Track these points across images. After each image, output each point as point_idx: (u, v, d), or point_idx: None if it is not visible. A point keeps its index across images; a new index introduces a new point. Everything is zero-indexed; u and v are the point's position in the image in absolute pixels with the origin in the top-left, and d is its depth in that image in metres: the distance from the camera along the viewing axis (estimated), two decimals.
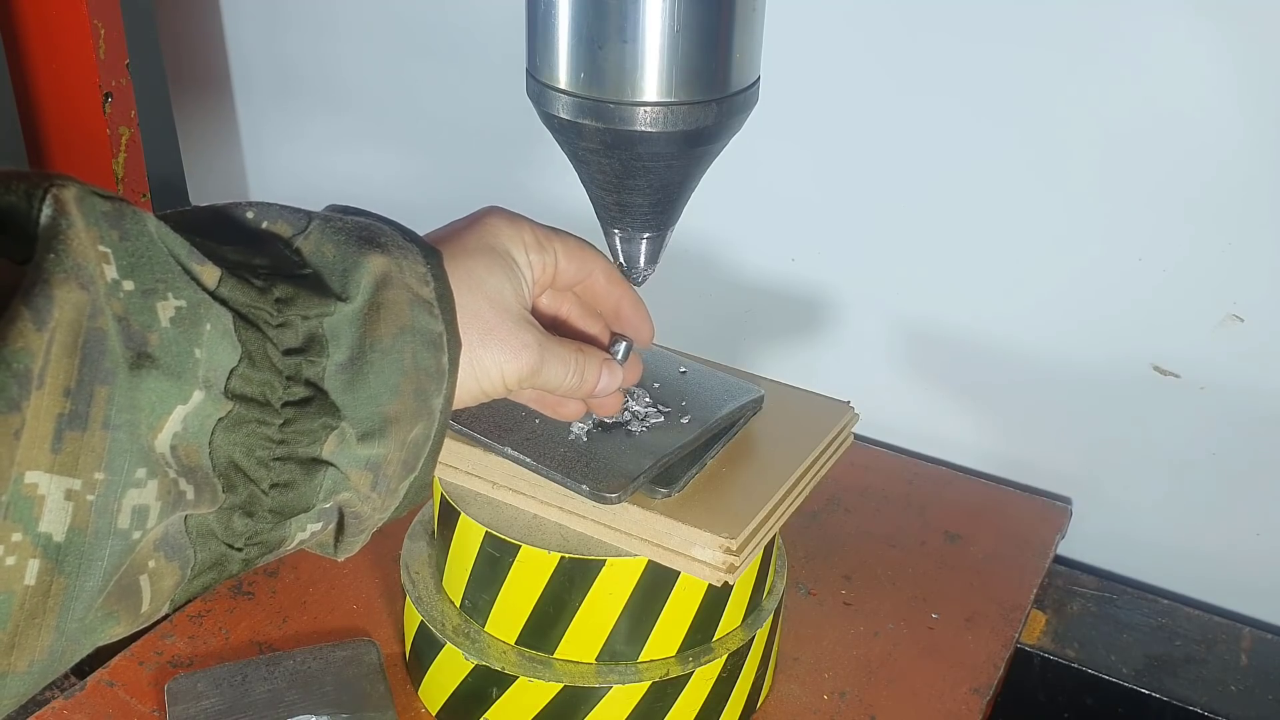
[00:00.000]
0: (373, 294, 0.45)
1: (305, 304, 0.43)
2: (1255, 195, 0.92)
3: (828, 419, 0.80)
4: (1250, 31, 0.88)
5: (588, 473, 0.68)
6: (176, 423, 0.39)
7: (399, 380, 0.45)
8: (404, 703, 0.81)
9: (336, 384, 0.44)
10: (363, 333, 0.44)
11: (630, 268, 0.72)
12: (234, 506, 0.42)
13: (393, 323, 0.45)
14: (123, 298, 0.38)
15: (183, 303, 0.39)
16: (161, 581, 0.41)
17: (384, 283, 0.46)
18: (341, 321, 0.44)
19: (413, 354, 0.46)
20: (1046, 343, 1.05)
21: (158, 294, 0.39)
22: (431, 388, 0.47)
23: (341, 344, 0.44)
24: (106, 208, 0.38)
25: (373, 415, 0.45)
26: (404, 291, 0.46)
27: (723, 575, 0.68)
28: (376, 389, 0.45)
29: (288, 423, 0.43)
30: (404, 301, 0.46)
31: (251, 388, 0.42)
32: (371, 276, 0.45)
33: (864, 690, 0.85)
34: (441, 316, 0.48)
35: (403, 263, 0.47)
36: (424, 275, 0.48)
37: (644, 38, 0.60)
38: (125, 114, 1.27)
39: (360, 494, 0.46)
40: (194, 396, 0.39)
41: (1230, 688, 0.90)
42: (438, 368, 0.47)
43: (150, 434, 0.38)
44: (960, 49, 0.98)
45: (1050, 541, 1.02)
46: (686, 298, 1.21)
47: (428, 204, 1.37)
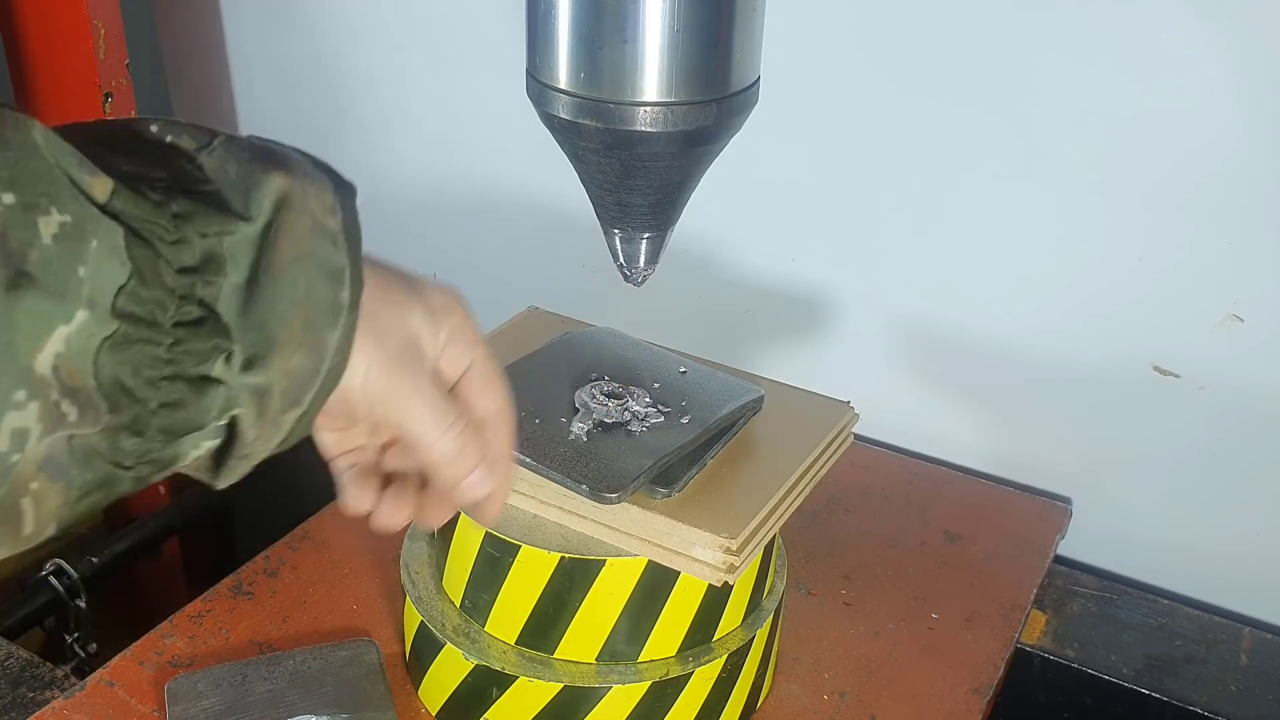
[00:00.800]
0: (272, 215, 0.43)
1: (204, 221, 0.41)
2: (1255, 195, 0.92)
3: (828, 419, 0.80)
4: (1250, 31, 0.88)
5: (588, 473, 0.68)
6: (59, 343, 0.37)
7: (286, 308, 0.43)
8: (404, 703, 0.81)
9: (230, 306, 0.42)
10: (260, 253, 0.42)
11: (630, 268, 0.72)
12: (120, 426, 0.41)
13: (290, 248, 0.43)
14: (2, 211, 0.36)
15: (67, 218, 0.37)
16: (45, 503, 0.40)
17: (284, 204, 0.43)
18: (241, 242, 0.42)
19: (306, 283, 0.44)
20: (1046, 343, 1.05)
21: (39, 208, 0.37)
22: (323, 320, 0.44)
23: (239, 265, 0.42)
24: None
25: (258, 340, 0.43)
26: (306, 217, 0.44)
27: (723, 575, 0.68)
28: (264, 314, 0.43)
29: (177, 342, 0.41)
30: (304, 228, 0.44)
31: (140, 307, 0.40)
32: (273, 196, 0.43)
33: (864, 690, 0.85)
34: (346, 251, 0.45)
35: (307, 187, 0.44)
36: (331, 205, 0.45)
37: (644, 38, 0.60)
38: (125, 114, 1.27)
39: (248, 418, 0.44)
40: (77, 316, 0.38)
41: (1230, 688, 0.90)
42: (334, 301, 0.44)
43: (30, 354, 0.37)
44: (960, 49, 0.98)
45: (1050, 541, 1.02)
46: (686, 298, 1.21)
47: (428, 204, 1.37)
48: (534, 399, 0.75)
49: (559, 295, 1.07)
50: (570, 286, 1.28)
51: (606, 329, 0.85)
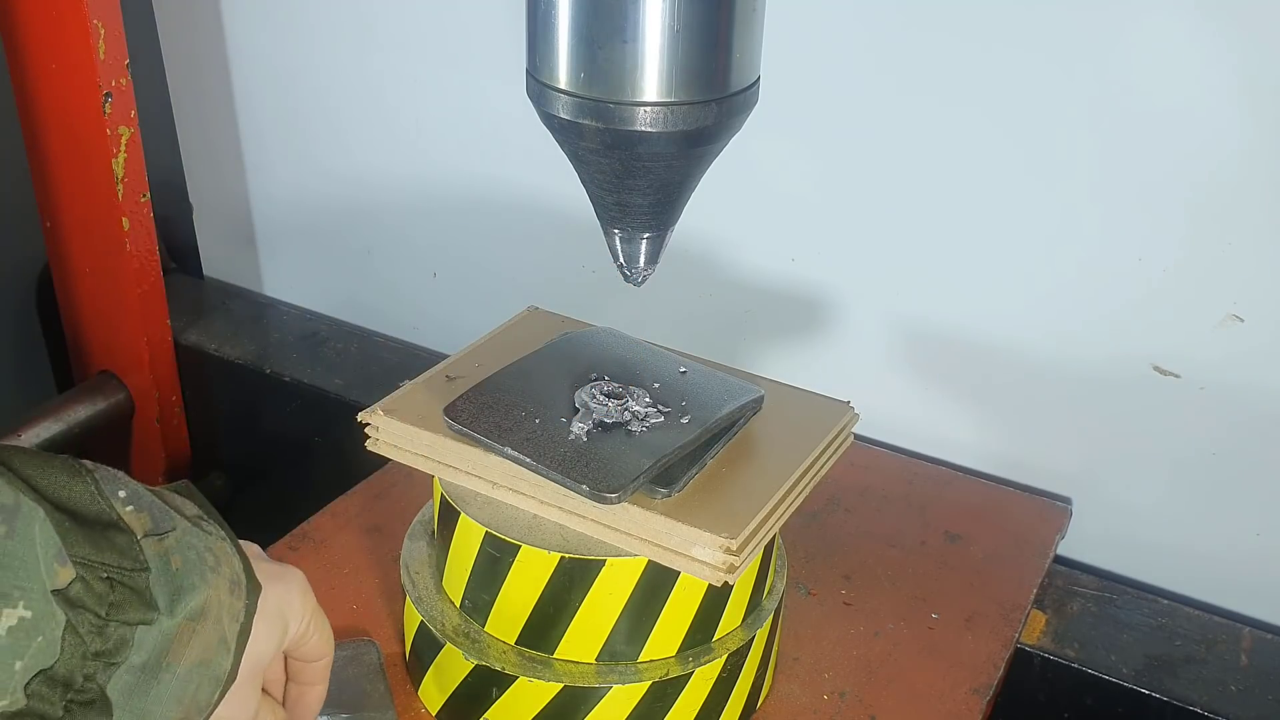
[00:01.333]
0: (193, 620, 0.48)
1: (130, 610, 0.46)
2: (1255, 195, 0.92)
3: (828, 419, 0.80)
4: (1250, 31, 0.88)
5: (588, 473, 0.68)
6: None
7: (174, 707, 0.48)
8: (404, 703, 0.81)
9: (120, 685, 0.46)
10: (166, 650, 0.47)
11: (630, 268, 0.72)
12: None
13: (197, 653, 0.48)
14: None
15: (29, 614, 0.41)
16: None
17: (205, 613, 0.48)
18: (154, 631, 0.47)
19: (197, 687, 0.49)
20: (1046, 343, 1.05)
21: (10, 600, 0.41)
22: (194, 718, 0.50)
23: (143, 650, 0.46)
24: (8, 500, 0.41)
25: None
26: (217, 628, 0.49)
27: (723, 575, 0.68)
28: (152, 706, 0.47)
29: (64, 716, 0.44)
30: (214, 636, 0.49)
31: (48, 688, 0.43)
32: (199, 603, 0.48)
33: (864, 690, 0.85)
34: (233, 655, 0.51)
35: (227, 599, 0.50)
36: (237, 613, 0.51)
37: (644, 37, 0.60)
38: (125, 114, 1.27)
39: None
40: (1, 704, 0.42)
41: (1230, 688, 0.90)
42: (209, 702, 0.50)
43: None
44: (960, 49, 0.98)
45: (1050, 541, 1.02)
46: (686, 298, 1.21)
47: (428, 204, 1.37)
48: (534, 399, 0.75)
49: (559, 295, 1.07)
50: (570, 286, 1.28)
51: (606, 329, 0.85)
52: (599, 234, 0.72)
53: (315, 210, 1.46)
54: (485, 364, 0.81)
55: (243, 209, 1.52)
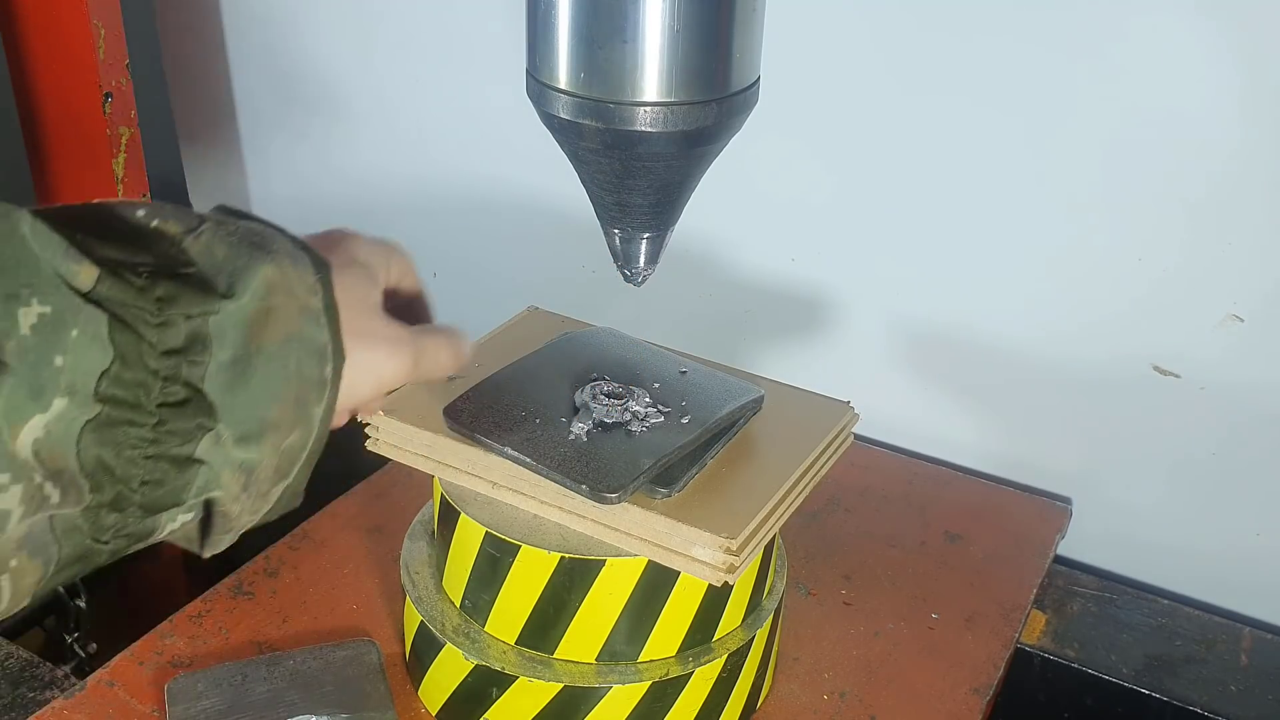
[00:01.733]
0: (263, 298, 0.45)
1: (189, 302, 0.43)
2: (1255, 195, 0.92)
3: (828, 419, 0.80)
4: (1250, 31, 0.88)
5: (588, 473, 0.68)
6: (37, 429, 0.39)
7: (281, 387, 0.45)
8: (404, 703, 0.81)
9: (216, 384, 0.44)
10: (249, 335, 0.44)
11: (630, 268, 0.72)
12: (101, 504, 0.42)
13: (280, 329, 0.45)
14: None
15: (47, 309, 0.39)
16: (22, 579, 0.41)
17: (274, 288, 0.46)
18: (227, 321, 0.44)
19: (297, 362, 0.46)
20: (1047, 343, 1.05)
21: (20, 299, 0.39)
22: (312, 397, 0.47)
23: (226, 344, 0.44)
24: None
25: (251, 419, 0.45)
26: (293, 299, 0.46)
27: (723, 575, 0.67)
28: (258, 393, 0.45)
29: (161, 422, 0.42)
30: (293, 309, 0.46)
31: (123, 390, 0.41)
32: (263, 280, 0.45)
33: (864, 690, 0.85)
34: (328, 327, 0.48)
35: (292, 271, 0.47)
36: (313, 285, 0.48)
37: (644, 37, 0.60)
38: (125, 114, 1.27)
39: (230, 494, 0.45)
40: (55, 404, 0.39)
41: (1230, 688, 0.90)
42: (320, 378, 0.47)
43: (9, 440, 0.38)
44: (960, 49, 0.98)
45: (1050, 541, 1.02)
46: (686, 298, 1.21)
47: (428, 204, 1.37)
48: (534, 399, 0.75)
49: (559, 295, 1.07)
50: (570, 286, 1.28)
51: (606, 329, 0.85)
52: (599, 234, 0.72)
53: (315, 210, 1.46)
54: (485, 364, 0.81)
55: (243, 209, 1.52)
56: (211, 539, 0.48)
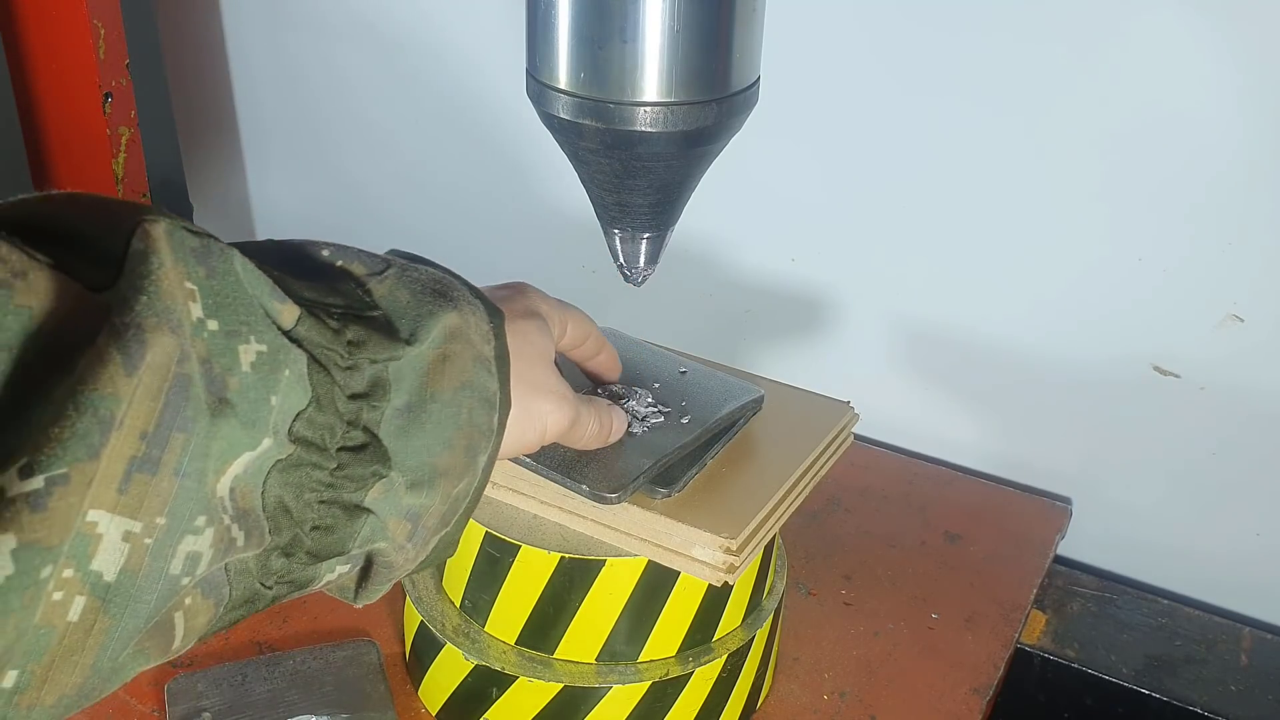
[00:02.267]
0: (441, 345, 0.45)
1: (375, 347, 0.43)
2: (1255, 195, 0.92)
3: (828, 419, 0.80)
4: (1251, 31, 0.88)
5: (588, 473, 0.68)
6: (240, 467, 0.39)
7: (453, 434, 0.46)
8: (404, 703, 0.81)
9: (391, 429, 0.44)
10: (425, 381, 0.45)
11: (630, 268, 0.72)
12: (276, 548, 0.42)
13: (455, 376, 0.46)
14: (206, 338, 0.37)
15: (264, 347, 0.39)
16: (196, 619, 0.40)
17: (453, 336, 0.46)
18: (406, 367, 0.44)
19: (469, 410, 0.46)
20: (1047, 343, 1.05)
21: (240, 336, 0.38)
22: (481, 445, 0.47)
23: (403, 389, 0.44)
24: (195, 244, 0.38)
25: (423, 466, 0.45)
26: (469, 347, 0.47)
27: (723, 575, 0.68)
28: (431, 440, 0.45)
29: (340, 467, 0.43)
30: (468, 357, 0.47)
31: (313, 432, 0.41)
32: (443, 328, 0.46)
33: (864, 690, 0.85)
34: (498, 375, 0.48)
35: (470, 319, 0.47)
36: (487, 333, 0.48)
37: (644, 37, 0.60)
38: (125, 114, 1.27)
39: (395, 543, 0.46)
40: (263, 444, 0.39)
41: (1230, 688, 0.90)
42: (489, 426, 0.48)
43: (215, 479, 0.38)
44: (961, 49, 0.98)
45: (1050, 541, 1.02)
46: (686, 298, 1.21)
47: (427, 204, 1.37)
48: None
49: (559, 295, 1.07)
50: (570, 286, 1.27)
51: (606, 329, 0.85)
52: (599, 234, 0.72)
53: (315, 210, 1.46)
54: None
55: (243, 209, 1.52)
56: (369, 589, 0.48)
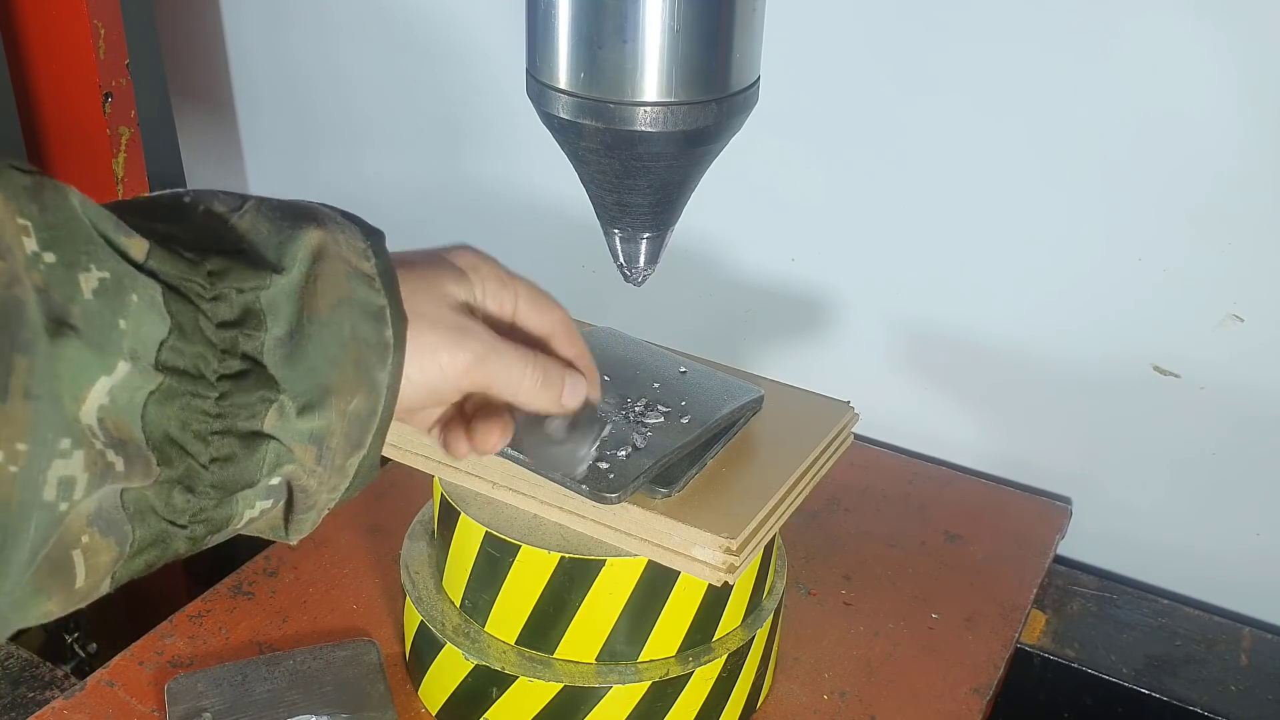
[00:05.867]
0: (310, 266, 0.45)
1: (239, 276, 0.43)
2: (1255, 196, 0.92)
3: (828, 419, 0.80)
4: (1250, 32, 0.88)
5: (588, 473, 0.68)
6: (102, 394, 0.39)
7: (336, 351, 0.45)
8: (404, 703, 0.81)
9: (275, 358, 0.43)
10: (300, 305, 0.44)
11: (630, 268, 0.72)
12: (172, 480, 0.42)
13: (330, 294, 0.45)
14: (43, 269, 0.37)
15: (106, 274, 0.39)
16: (96, 557, 0.40)
17: (320, 254, 0.45)
18: (279, 295, 0.44)
19: (351, 325, 0.45)
20: (1047, 343, 1.05)
21: (79, 265, 0.38)
22: (373, 359, 0.46)
23: (280, 318, 0.44)
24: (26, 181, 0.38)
25: (311, 387, 0.44)
26: (341, 264, 0.46)
27: (723, 575, 0.68)
28: (314, 360, 0.44)
29: (224, 396, 0.42)
30: (341, 273, 0.46)
31: (183, 360, 0.41)
32: (308, 249, 0.45)
33: (864, 690, 0.85)
34: (384, 291, 0.47)
35: (339, 236, 0.46)
36: (364, 250, 0.47)
37: (644, 37, 0.60)
38: (125, 114, 1.27)
39: (305, 468, 0.45)
40: (119, 367, 0.39)
41: (1230, 688, 0.90)
42: (380, 340, 0.46)
43: (74, 404, 0.38)
44: (961, 49, 0.98)
45: (1050, 541, 1.02)
46: (686, 298, 1.21)
47: (427, 204, 1.37)
48: None
49: (559, 295, 1.07)
50: (570, 286, 1.28)
51: (606, 329, 0.85)
52: (599, 234, 0.72)
53: None
54: None
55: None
56: (294, 520, 0.47)
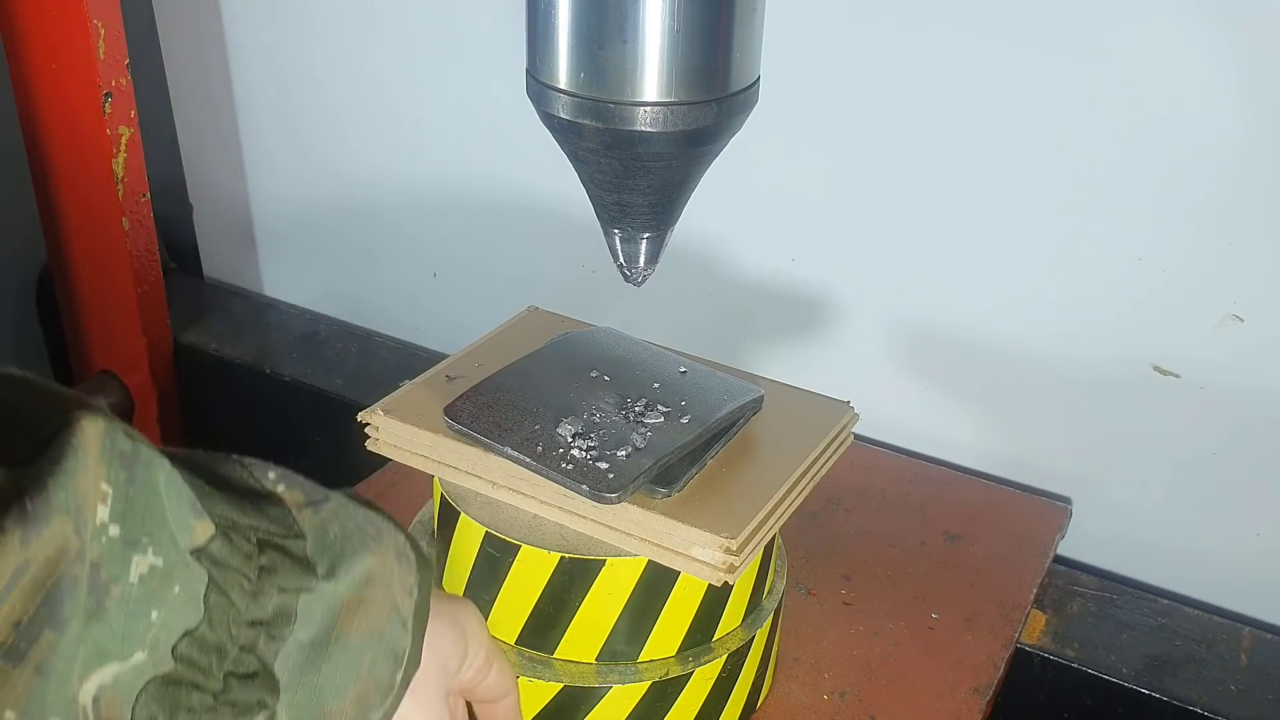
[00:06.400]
0: (360, 588, 0.44)
1: (286, 575, 0.42)
2: (1255, 196, 0.92)
3: (828, 419, 0.80)
4: (1251, 33, 0.88)
5: (587, 473, 0.68)
6: (108, 676, 0.37)
7: (350, 682, 0.44)
8: None
9: (288, 664, 0.43)
10: (335, 621, 0.44)
11: (630, 268, 0.72)
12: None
13: (368, 624, 0.45)
14: (104, 543, 0.36)
15: (159, 561, 0.38)
16: None
17: (373, 580, 0.45)
18: (317, 602, 0.43)
19: (372, 661, 0.45)
20: (1047, 343, 1.05)
21: (138, 546, 0.38)
22: (375, 700, 0.46)
23: (310, 624, 0.43)
24: (126, 446, 0.37)
25: (310, 706, 0.44)
26: (387, 596, 0.46)
27: (723, 575, 0.67)
28: (326, 683, 0.44)
29: (224, 691, 0.41)
30: (384, 606, 0.46)
31: (200, 653, 0.40)
32: (364, 570, 0.45)
33: (864, 690, 0.85)
34: (412, 631, 0.47)
35: (395, 567, 0.46)
36: (411, 586, 0.47)
37: (644, 38, 0.60)
38: (125, 114, 1.27)
39: None
40: (134, 658, 0.38)
41: (1230, 688, 0.90)
42: (389, 683, 0.46)
43: (78, 683, 0.36)
44: (961, 50, 0.98)
45: (1050, 541, 1.02)
46: (686, 298, 1.21)
47: (428, 204, 1.37)
48: (534, 399, 0.75)
49: (559, 295, 1.07)
50: (570, 286, 1.28)
51: (606, 329, 0.85)
52: (599, 234, 0.72)
53: (315, 210, 1.46)
54: (485, 364, 0.81)
55: (243, 209, 1.52)
56: None
